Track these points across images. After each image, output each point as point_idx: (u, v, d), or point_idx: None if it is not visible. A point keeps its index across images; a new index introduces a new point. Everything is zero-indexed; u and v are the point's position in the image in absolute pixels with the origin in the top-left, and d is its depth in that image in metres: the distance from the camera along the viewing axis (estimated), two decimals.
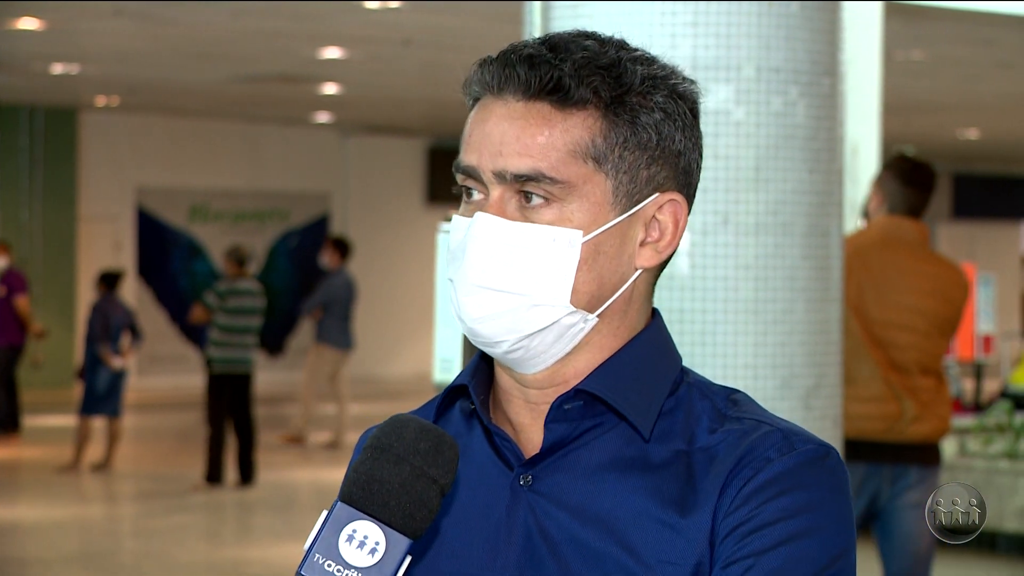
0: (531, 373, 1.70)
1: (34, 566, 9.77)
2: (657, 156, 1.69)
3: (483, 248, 1.66)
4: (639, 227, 1.70)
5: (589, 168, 1.66)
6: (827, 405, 4.47)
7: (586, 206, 1.66)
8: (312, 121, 21.78)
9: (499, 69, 1.68)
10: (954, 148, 25.36)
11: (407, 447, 1.56)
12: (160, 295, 21.54)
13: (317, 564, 1.51)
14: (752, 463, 1.63)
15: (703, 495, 1.64)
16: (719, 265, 4.32)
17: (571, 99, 1.66)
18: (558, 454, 1.69)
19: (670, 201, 1.71)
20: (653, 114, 1.69)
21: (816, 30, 4.40)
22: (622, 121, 1.68)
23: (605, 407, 1.69)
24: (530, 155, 1.65)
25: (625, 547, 1.63)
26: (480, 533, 1.69)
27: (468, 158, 1.69)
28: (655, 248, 1.71)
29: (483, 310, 1.67)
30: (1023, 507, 9.96)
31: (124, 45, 14.68)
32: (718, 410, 1.70)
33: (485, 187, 1.68)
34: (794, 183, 4.36)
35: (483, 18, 12.63)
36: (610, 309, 1.70)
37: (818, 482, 1.64)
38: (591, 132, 1.67)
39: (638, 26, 4.31)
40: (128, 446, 15.00)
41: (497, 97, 1.69)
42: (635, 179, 1.68)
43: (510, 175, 1.66)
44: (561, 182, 1.65)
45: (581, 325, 1.68)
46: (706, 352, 4.32)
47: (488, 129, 1.68)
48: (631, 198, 1.69)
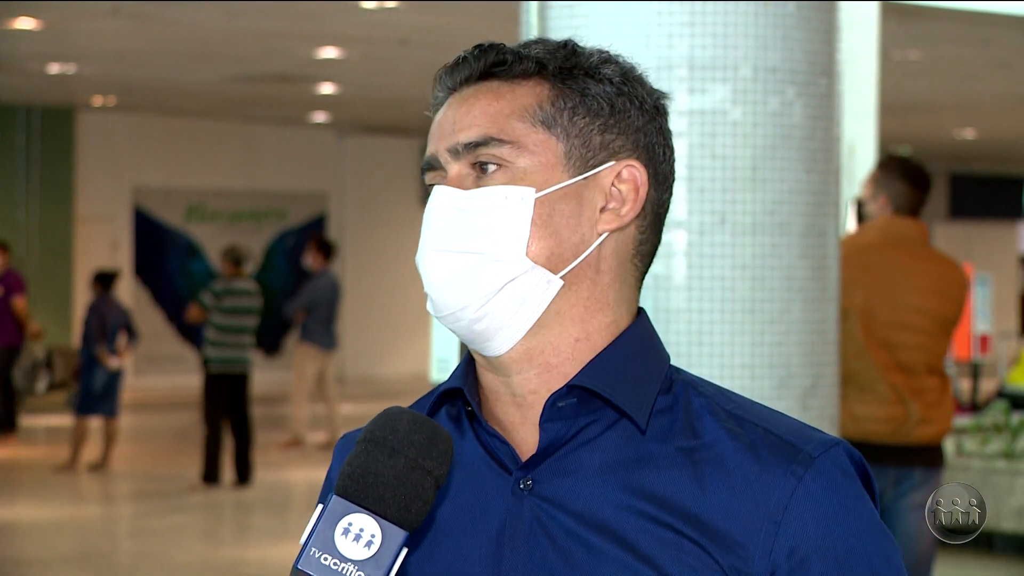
0: (504, 352, 1.68)
1: (31, 566, 9.76)
2: (611, 124, 1.71)
3: (440, 216, 1.70)
4: (597, 194, 1.71)
5: (538, 131, 1.69)
6: (824, 405, 4.47)
7: (537, 166, 1.68)
8: (309, 121, 21.78)
9: (452, 68, 1.74)
10: (951, 148, 25.37)
11: (401, 439, 1.56)
12: (157, 295, 21.53)
13: (313, 558, 1.51)
14: (779, 482, 1.63)
15: (714, 500, 1.63)
16: (716, 265, 4.32)
17: (515, 69, 1.70)
18: (556, 455, 1.68)
19: (627, 167, 1.72)
20: (604, 86, 1.71)
21: (813, 30, 4.40)
22: (571, 90, 1.71)
23: (600, 402, 1.68)
24: (477, 124, 1.69)
25: (632, 550, 1.62)
26: (481, 538, 1.68)
27: (428, 150, 1.74)
28: (617, 213, 1.72)
29: (441, 274, 1.68)
30: (1020, 507, 9.96)
31: (121, 45, 14.68)
32: (718, 405, 1.70)
33: (444, 171, 1.72)
34: (791, 183, 4.36)
35: (480, 18, 12.63)
36: (576, 275, 1.69)
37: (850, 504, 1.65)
38: (538, 98, 1.70)
39: (634, 26, 4.31)
40: (125, 446, 15.00)
41: (454, 92, 1.74)
42: (588, 144, 1.70)
43: (461, 146, 1.69)
44: (509, 142, 1.68)
45: (544, 287, 1.68)
46: (703, 352, 4.32)
47: (443, 119, 1.73)
48: (585, 162, 1.70)
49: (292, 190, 22.53)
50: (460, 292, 1.68)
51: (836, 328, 4.54)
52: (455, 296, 1.68)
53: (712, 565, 1.61)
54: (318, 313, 14.51)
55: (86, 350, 13.50)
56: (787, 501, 1.62)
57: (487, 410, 1.73)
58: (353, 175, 23.03)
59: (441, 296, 1.69)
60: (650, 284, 4.34)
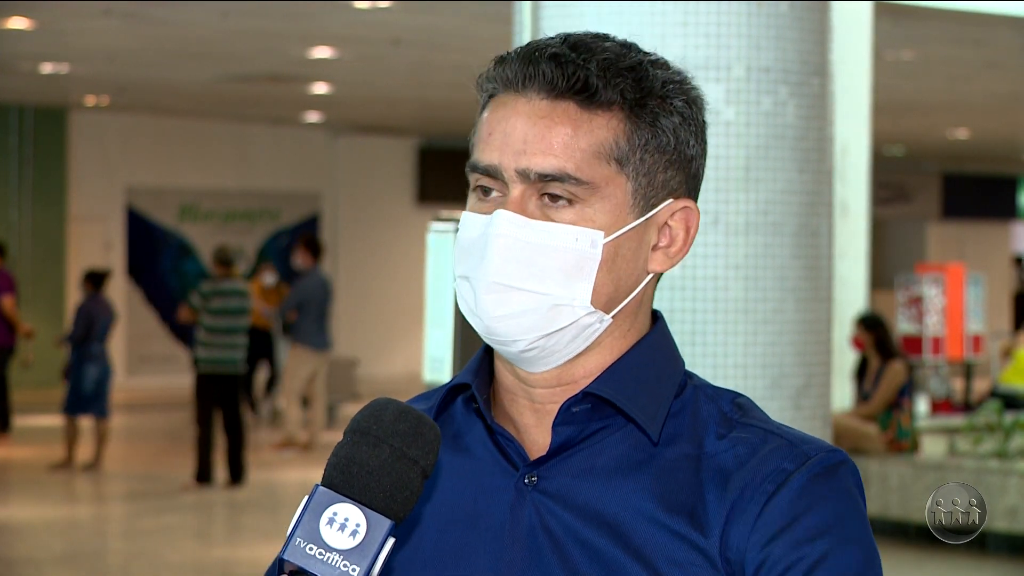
0: (540, 372, 1.69)
1: (23, 566, 9.75)
2: (674, 160, 1.69)
3: (505, 246, 1.64)
4: (653, 231, 1.70)
5: (612, 169, 1.65)
6: (817, 405, 4.47)
7: (607, 207, 1.65)
8: (302, 121, 21.77)
9: (523, 66, 1.66)
10: (944, 148, 25.39)
11: (386, 429, 1.56)
12: (150, 295, 21.51)
13: (299, 548, 1.51)
14: (769, 478, 1.63)
15: (713, 506, 1.63)
16: (709, 264, 4.32)
17: (597, 99, 1.65)
18: (564, 455, 1.68)
19: (683, 208, 1.71)
20: (672, 117, 1.68)
21: (806, 30, 4.41)
22: (644, 123, 1.67)
23: (613, 410, 1.68)
24: (555, 154, 1.64)
25: (630, 550, 1.63)
26: (484, 532, 1.68)
27: (488, 156, 1.67)
28: (667, 253, 1.71)
29: (504, 308, 1.65)
30: (1013, 506, 9.98)
31: (114, 45, 14.66)
32: (725, 415, 1.69)
33: (505, 185, 1.66)
34: (784, 183, 4.36)
35: (473, 18, 12.63)
36: (623, 311, 1.69)
37: (837, 493, 1.64)
38: (615, 133, 1.66)
39: (628, 26, 4.31)
40: (118, 446, 14.98)
41: (519, 94, 1.67)
42: (653, 182, 1.68)
43: (534, 174, 1.64)
44: (585, 183, 1.64)
45: (597, 326, 1.67)
46: (696, 352, 4.32)
47: (510, 127, 1.66)
48: (648, 201, 1.68)
49: (285, 190, 22.52)
50: (520, 328, 1.65)
51: (829, 328, 4.54)
52: (511, 330, 1.66)
53: (706, 565, 1.62)
54: (309, 312, 14.48)
55: (75, 351, 13.49)
56: (772, 492, 1.63)
57: (500, 406, 1.73)
58: (346, 175, 23.02)
59: (497, 327, 1.66)
60: None
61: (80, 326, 13.44)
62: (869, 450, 10.73)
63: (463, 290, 1.69)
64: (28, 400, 17.99)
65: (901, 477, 10.46)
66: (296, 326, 14.60)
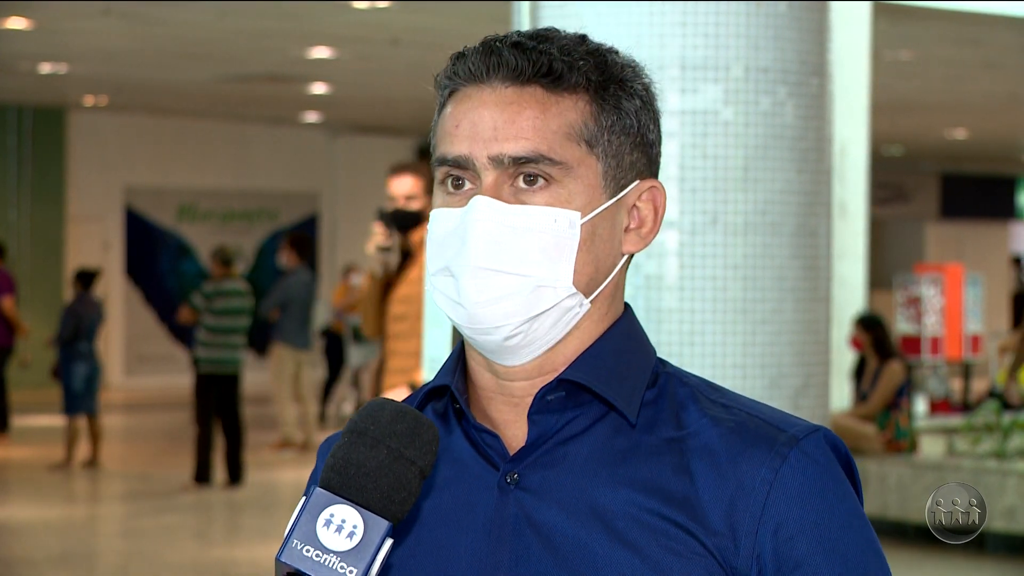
0: (520, 364, 1.68)
1: (21, 566, 9.75)
2: (638, 143, 1.71)
3: (486, 230, 1.65)
4: (624, 213, 1.71)
5: (583, 150, 1.67)
6: (815, 405, 4.48)
7: (580, 188, 1.67)
8: (301, 121, 21.77)
9: (484, 57, 1.68)
10: (942, 148, 25.40)
11: (383, 430, 1.55)
12: (148, 295, 21.51)
13: (296, 550, 1.50)
14: (764, 462, 1.64)
15: (707, 493, 1.63)
16: (708, 265, 4.32)
17: (563, 83, 1.67)
18: (544, 448, 1.68)
19: (651, 188, 1.73)
20: (634, 100, 1.71)
21: (804, 30, 4.41)
22: (608, 106, 1.69)
23: (589, 395, 1.68)
24: (527, 137, 1.65)
25: (623, 541, 1.62)
26: (468, 534, 1.68)
27: (458, 148, 1.67)
28: (639, 234, 1.72)
29: (487, 293, 1.65)
30: (1011, 506, 9.98)
31: (112, 45, 14.66)
32: (702, 394, 1.70)
33: (476, 176, 1.67)
34: (782, 183, 4.36)
35: (471, 18, 12.63)
36: (600, 295, 1.70)
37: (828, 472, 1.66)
38: (583, 115, 1.68)
39: (626, 26, 4.31)
40: (117, 446, 14.98)
41: (483, 85, 1.68)
42: (621, 164, 1.70)
43: (508, 159, 1.65)
44: (560, 163, 1.65)
45: (577, 310, 1.68)
46: (695, 352, 4.32)
47: (478, 117, 1.67)
48: (618, 183, 1.70)
49: (284, 190, 22.52)
50: (503, 312, 1.65)
51: (828, 328, 4.54)
52: (496, 315, 1.66)
53: (699, 548, 1.62)
54: (292, 311, 14.51)
55: (63, 350, 13.52)
56: (772, 480, 1.63)
57: (478, 408, 1.73)
58: (345, 175, 23.02)
59: (480, 313, 1.66)
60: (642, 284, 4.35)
61: (68, 326, 13.45)
62: (867, 450, 10.74)
63: (442, 284, 1.69)
64: (26, 400, 17.99)
65: (899, 477, 10.46)
66: (279, 325, 14.64)
